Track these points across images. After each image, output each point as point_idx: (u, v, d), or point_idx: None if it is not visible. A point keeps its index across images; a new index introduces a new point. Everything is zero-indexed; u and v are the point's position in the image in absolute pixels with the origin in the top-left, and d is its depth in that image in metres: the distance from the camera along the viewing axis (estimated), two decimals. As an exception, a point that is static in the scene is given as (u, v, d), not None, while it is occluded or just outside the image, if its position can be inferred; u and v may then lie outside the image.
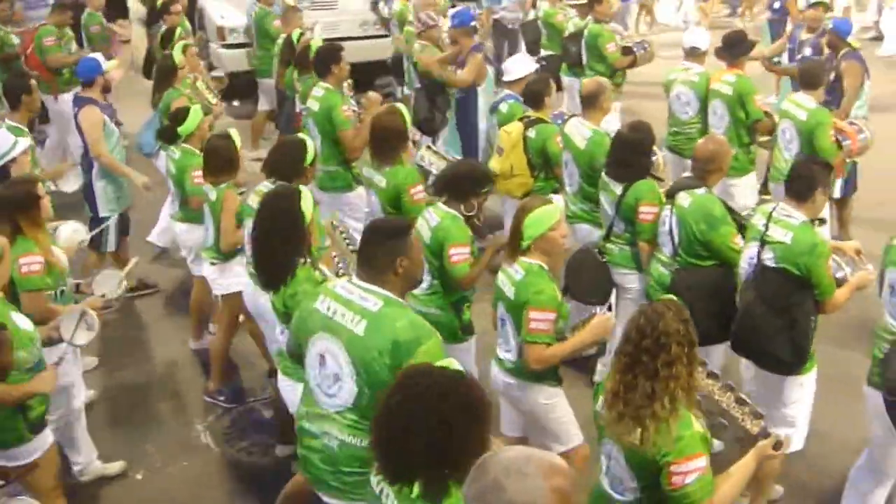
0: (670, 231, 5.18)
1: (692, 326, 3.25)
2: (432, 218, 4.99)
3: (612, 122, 7.31)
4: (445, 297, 4.94)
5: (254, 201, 5.11)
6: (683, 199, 5.13)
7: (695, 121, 7.66)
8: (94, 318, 4.75)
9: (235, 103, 11.80)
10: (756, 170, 7.42)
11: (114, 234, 7.06)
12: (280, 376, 4.54)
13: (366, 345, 3.44)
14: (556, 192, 6.74)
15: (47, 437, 4.25)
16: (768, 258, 4.55)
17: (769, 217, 4.61)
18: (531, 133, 6.73)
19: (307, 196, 4.51)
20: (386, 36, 12.62)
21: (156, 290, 7.69)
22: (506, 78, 7.50)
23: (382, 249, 3.57)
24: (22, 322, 4.17)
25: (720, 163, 5.16)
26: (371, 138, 5.94)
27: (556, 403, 4.48)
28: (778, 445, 3.47)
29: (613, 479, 3.38)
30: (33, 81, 7.19)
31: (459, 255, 4.79)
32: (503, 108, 7.31)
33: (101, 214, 7.06)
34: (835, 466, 5.06)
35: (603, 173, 5.81)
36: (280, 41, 9.77)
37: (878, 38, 15.77)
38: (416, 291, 4.99)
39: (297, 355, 3.83)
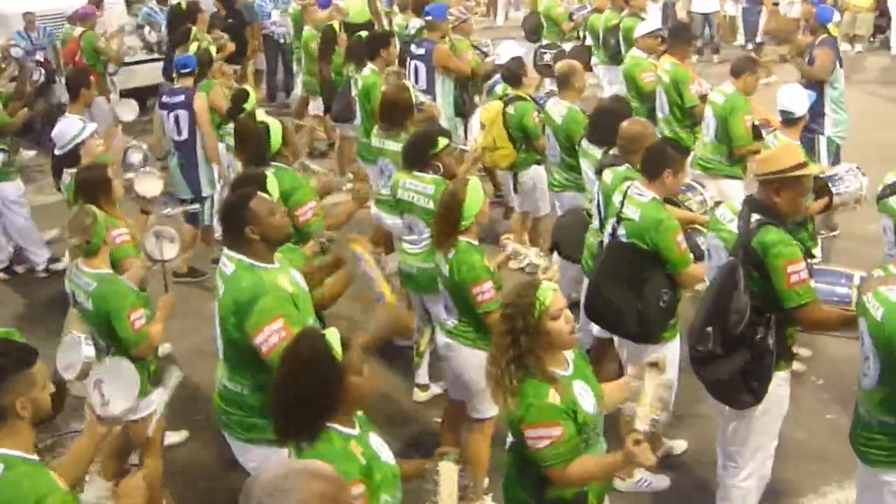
0: (598, 205, 5.47)
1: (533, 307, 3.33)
2: (425, 188, 5.34)
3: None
4: None
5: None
6: (607, 175, 5.34)
7: None
8: (172, 231, 5.09)
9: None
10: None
11: (214, 208, 7.66)
12: None
13: (223, 304, 3.84)
14: (538, 162, 7.39)
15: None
16: (622, 234, 4.74)
17: (624, 195, 4.79)
18: (510, 109, 7.26)
19: (272, 181, 4.75)
20: (156, 60, 12.49)
21: (205, 276, 7.80)
22: (498, 62, 8.21)
23: (230, 225, 3.92)
24: (132, 284, 4.68)
25: (643, 144, 5.19)
26: (381, 110, 6.44)
27: None
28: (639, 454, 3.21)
29: None
30: (92, 78, 7.70)
31: None
32: (498, 89, 7.97)
33: (204, 194, 7.70)
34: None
35: (583, 140, 6.26)
36: (305, 33, 10.49)
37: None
38: (414, 250, 5.51)
39: None
